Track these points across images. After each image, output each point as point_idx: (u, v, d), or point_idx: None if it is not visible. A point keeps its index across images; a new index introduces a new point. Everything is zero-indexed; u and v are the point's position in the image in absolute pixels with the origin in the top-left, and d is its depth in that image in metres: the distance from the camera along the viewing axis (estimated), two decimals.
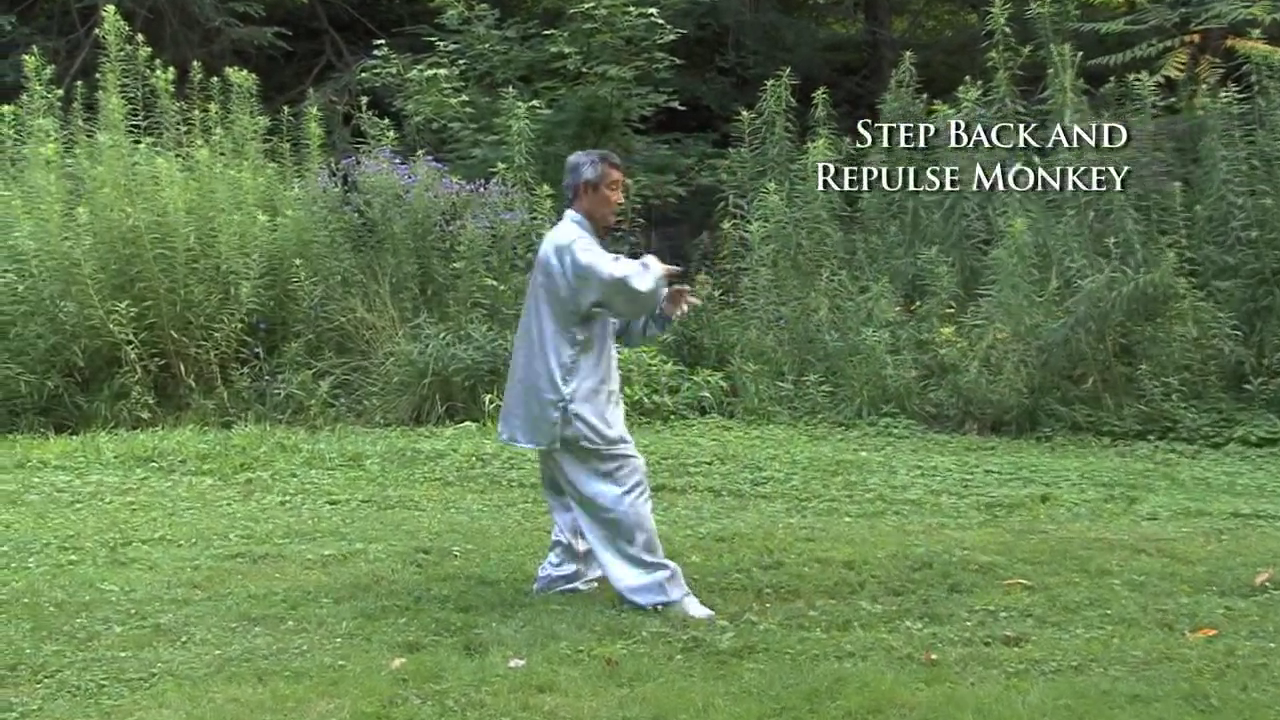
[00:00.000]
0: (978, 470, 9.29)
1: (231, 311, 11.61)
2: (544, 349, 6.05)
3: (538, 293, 6.10)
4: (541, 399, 6.03)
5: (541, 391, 6.03)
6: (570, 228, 6.11)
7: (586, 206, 6.17)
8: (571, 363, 6.02)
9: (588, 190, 6.16)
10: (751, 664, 5.31)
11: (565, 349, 6.02)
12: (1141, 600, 6.07)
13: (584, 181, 6.17)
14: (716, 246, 13.23)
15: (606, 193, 6.18)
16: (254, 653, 5.47)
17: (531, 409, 6.07)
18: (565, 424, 6.00)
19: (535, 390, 6.05)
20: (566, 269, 5.97)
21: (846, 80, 19.05)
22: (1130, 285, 10.55)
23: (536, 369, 6.06)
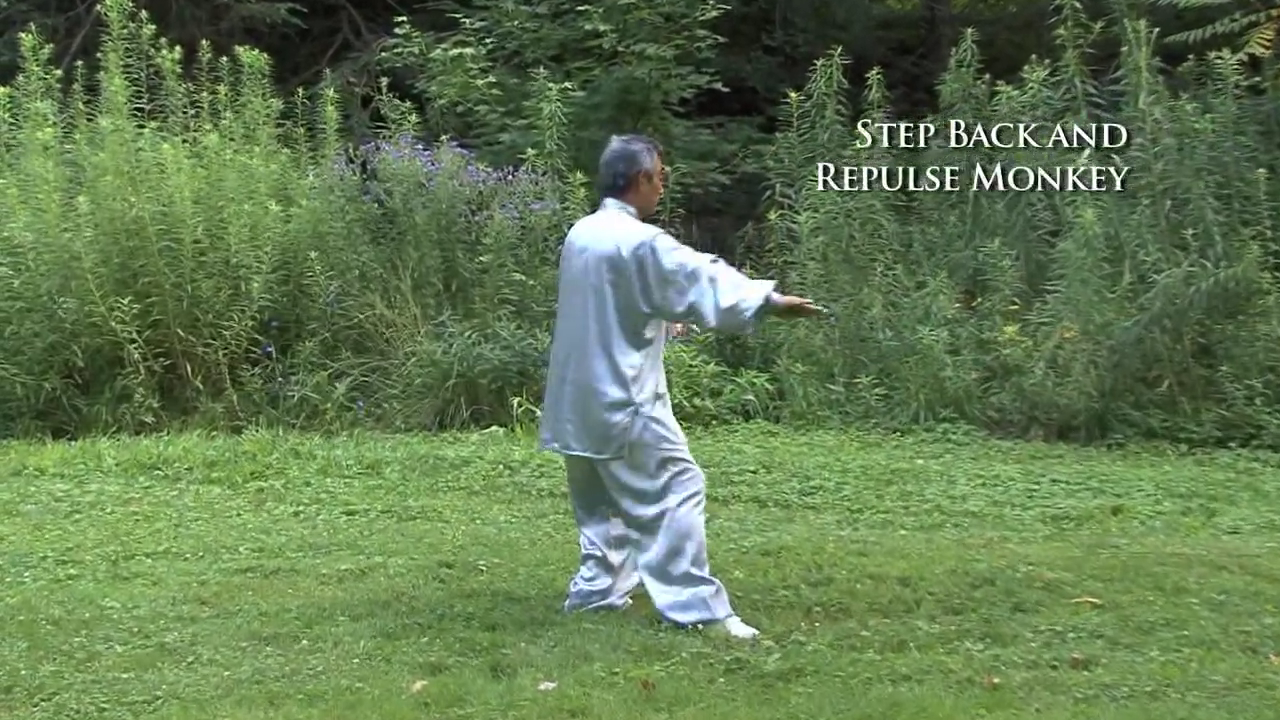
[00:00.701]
0: (1044, 480, 9.24)
1: (242, 308, 11.66)
2: (608, 350, 6.04)
3: (601, 290, 6.05)
4: (604, 403, 6.02)
5: (603, 395, 6.03)
6: (640, 224, 6.14)
7: (640, 198, 6.21)
8: (640, 364, 6.05)
9: (644, 180, 6.21)
10: (799, 688, 5.30)
11: (633, 351, 6.04)
12: (1222, 621, 6.03)
13: (642, 171, 6.20)
14: (762, 239, 13.21)
15: (658, 183, 6.28)
16: (265, 674, 5.49)
17: (592, 414, 6.06)
18: (634, 429, 6.01)
19: (595, 394, 6.04)
20: (649, 270, 5.97)
21: (902, 60, 19.00)
22: (1210, 280, 10.48)
23: (596, 371, 6.04)
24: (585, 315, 6.11)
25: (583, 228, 6.33)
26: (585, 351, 6.09)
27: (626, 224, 6.13)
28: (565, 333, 6.25)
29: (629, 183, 6.20)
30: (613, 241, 6.06)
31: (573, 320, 6.18)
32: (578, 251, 6.20)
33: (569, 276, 6.25)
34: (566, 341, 6.21)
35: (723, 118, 17.10)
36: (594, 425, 6.05)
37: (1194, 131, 11.23)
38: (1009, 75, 12.62)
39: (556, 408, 6.22)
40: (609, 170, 6.26)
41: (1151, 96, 11.16)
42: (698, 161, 15.34)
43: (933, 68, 15.97)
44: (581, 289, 6.14)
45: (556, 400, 6.23)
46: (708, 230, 14.78)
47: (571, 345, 6.17)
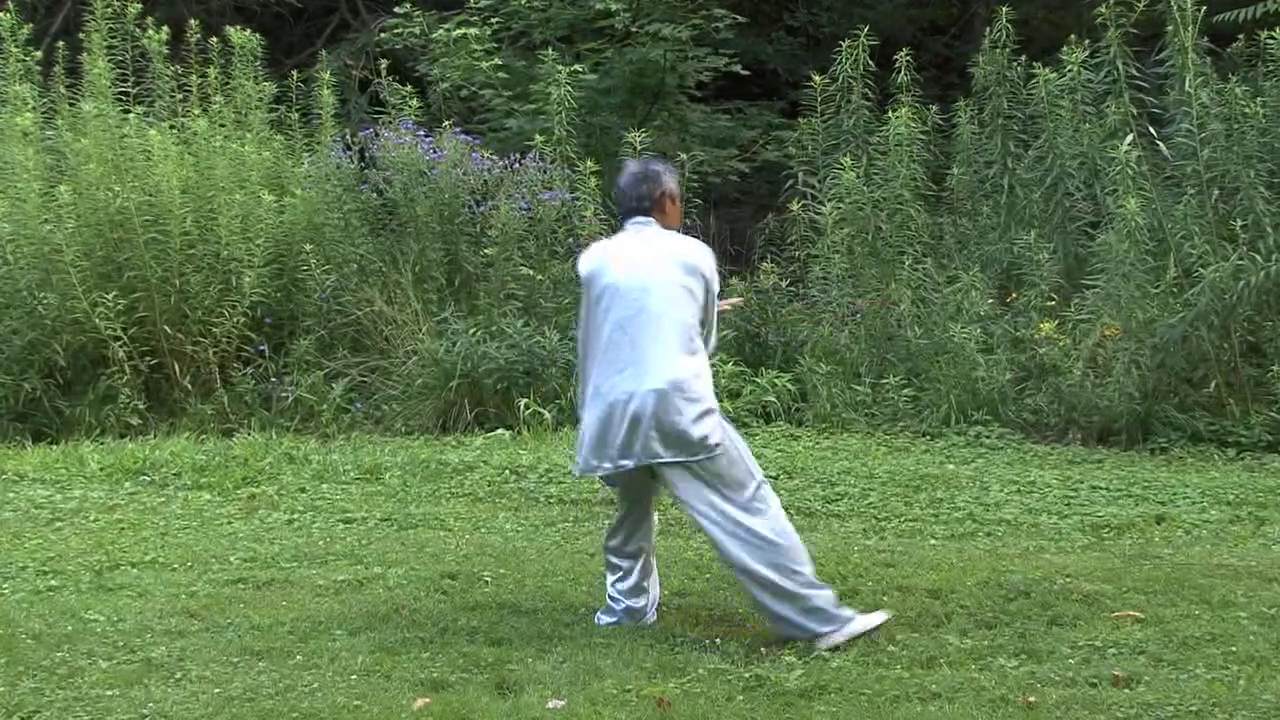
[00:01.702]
0: (1082, 486, 9.24)
1: (233, 304, 11.70)
2: (692, 348, 6.17)
3: (674, 291, 6.13)
4: (690, 405, 6.10)
5: (689, 397, 6.11)
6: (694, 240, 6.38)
7: (666, 220, 6.36)
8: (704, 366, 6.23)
9: (669, 201, 6.38)
10: (823, 705, 5.31)
11: (700, 354, 6.21)
12: (1272, 636, 6.02)
13: (666, 191, 6.36)
14: (784, 230, 13.21)
15: (679, 205, 6.49)
16: (258, 691, 5.50)
17: (674, 419, 6.09)
18: (714, 430, 6.12)
19: (678, 399, 6.10)
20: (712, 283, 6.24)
21: (933, 40, 19.02)
22: (1260, 274, 10.47)
23: (675, 378, 6.09)
24: (659, 317, 6.12)
25: (620, 248, 6.34)
26: (666, 350, 6.13)
27: (688, 241, 6.34)
28: (618, 358, 6.21)
29: (654, 204, 6.34)
30: (688, 251, 6.24)
31: (646, 318, 6.16)
32: (623, 271, 6.21)
33: (613, 298, 6.21)
34: (619, 362, 6.20)
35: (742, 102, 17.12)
36: (682, 427, 6.09)
37: (1243, 116, 11.20)
38: (1046, 57, 12.62)
39: (615, 430, 6.18)
40: (633, 192, 6.36)
41: (1199, 79, 11.14)
42: (715, 149, 15.36)
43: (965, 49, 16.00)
44: (659, 289, 6.14)
45: (612, 424, 6.18)
46: (726, 221, 14.81)
47: (629, 362, 6.16)
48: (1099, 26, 11.75)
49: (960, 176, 12.73)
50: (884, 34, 14.14)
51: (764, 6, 18.89)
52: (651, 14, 15.23)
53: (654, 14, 15.23)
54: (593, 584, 6.99)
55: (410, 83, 13.81)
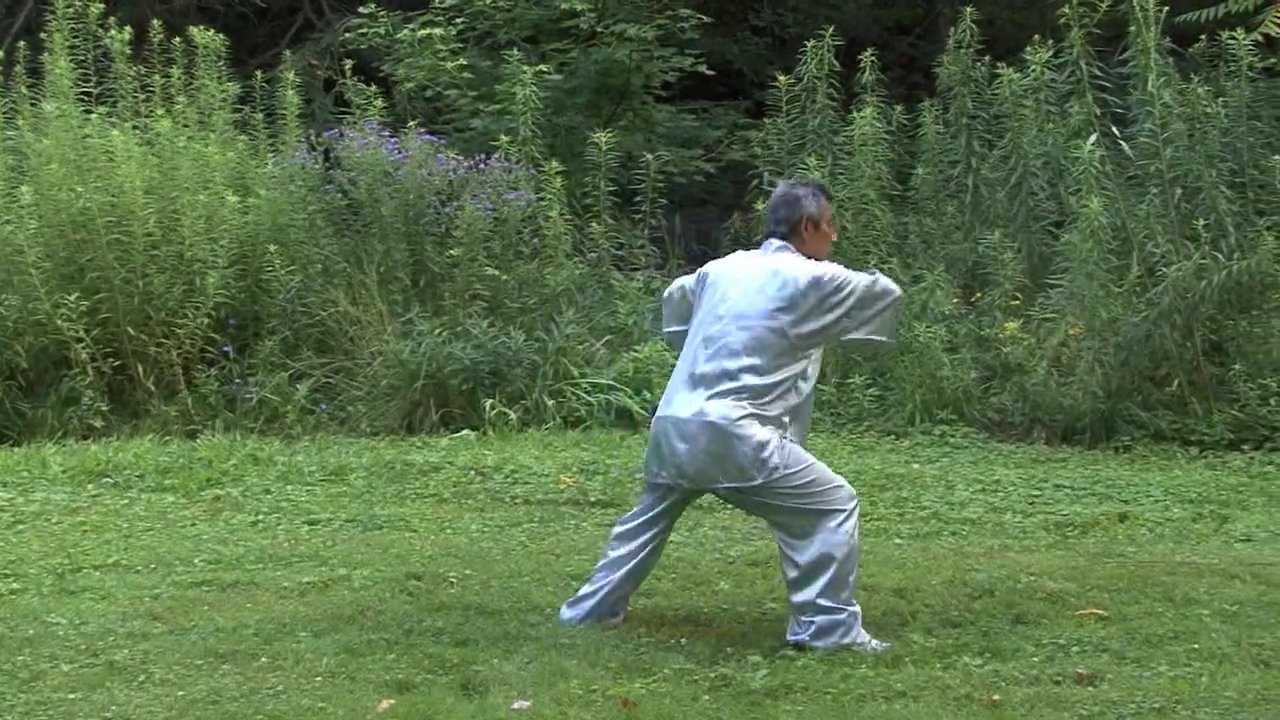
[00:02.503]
0: (1046, 485, 9.28)
1: (197, 305, 11.65)
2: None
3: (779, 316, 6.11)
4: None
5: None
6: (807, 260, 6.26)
7: (811, 246, 6.27)
8: None
9: (809, 227, 6.27)
10: (788, 705, 5.31)
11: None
12: (1234, 633, 6.05)
13: (806, 216, 6.26)
14: (749, 230, 13.22)
15: (827, 230, 6.34)
16: (221, 694, 5.48)
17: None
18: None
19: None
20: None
21: (898, 40, 19.07)
22: (1222, 273, 10.53)
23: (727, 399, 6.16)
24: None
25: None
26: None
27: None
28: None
29: (791, 230, 6.27)
30: (799, 269, 6.15)
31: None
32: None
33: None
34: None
35: (707, 102, 17.14)
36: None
37: (1205, 116, 11.28)
38: (1010, 57, 12.67)
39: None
40: (771, 215, 6.36)
41: (1161, 79, 11.19)
42: (681, 149, 15.38)
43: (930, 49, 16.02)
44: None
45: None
46: (692, 221, 14.82)
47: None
48: (1062, 27, 11.80)
49: (925, 176, 12.77)
50: (849, 34, 14.19)
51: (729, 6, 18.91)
52: (617, 14, 15.24)
53: (619, 14, 15.24)
54: (559, 584, 6.99)
55: (375, 83, 13.78)
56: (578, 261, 12.67)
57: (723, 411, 6.03)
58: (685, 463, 6.11)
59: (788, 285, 6.07)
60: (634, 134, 15.18)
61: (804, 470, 6.04)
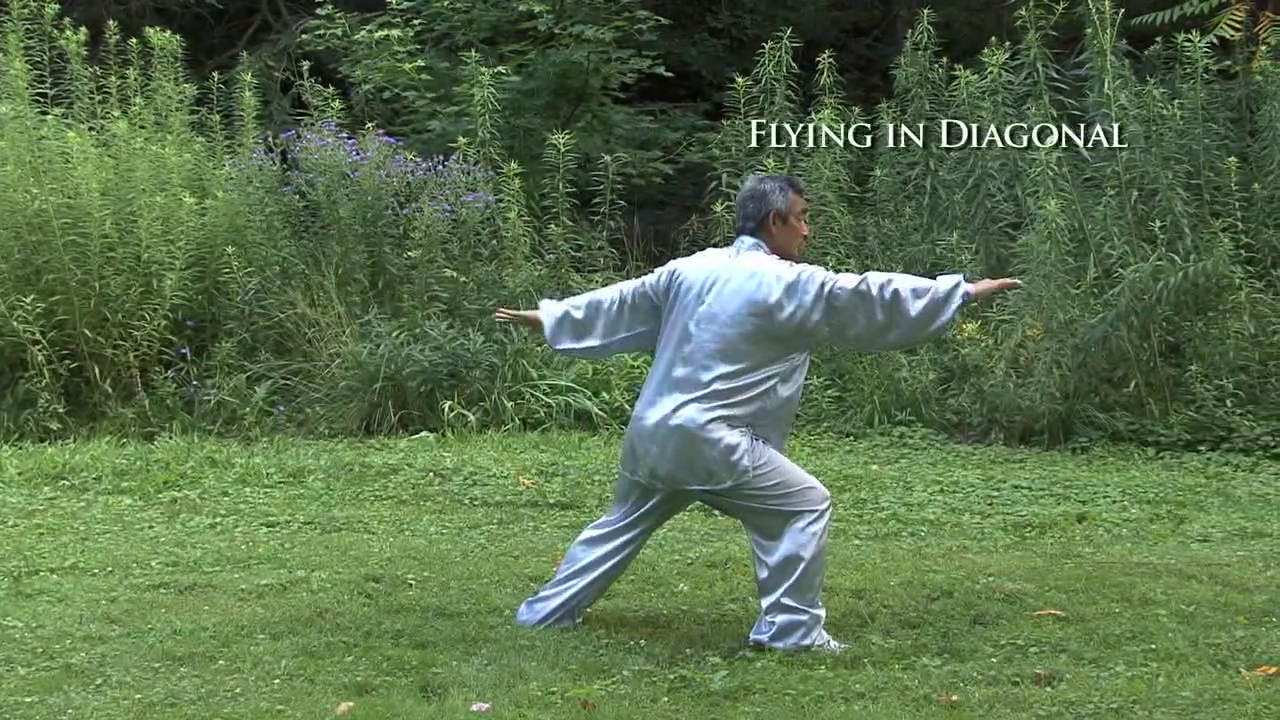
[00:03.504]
0: (1005, 486, 9.32)
1: (154, 307, 11.59)
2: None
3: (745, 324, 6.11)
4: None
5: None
6: (776, 260, 6.23)
7: (777, 241, 6.26)
8: None
9: (776, 221, 6.26)
10: (747, 706, 5.32)
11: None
12: (1191, 633, 6.09)
13: (773, 211, 6.25)
14: (708, 232, 13.23)
15: (795, 224, 6.32)
16: (179, 697, 5.46)
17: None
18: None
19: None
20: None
21: (855, 42, 19.09)
22: (1179, 275, 10.58)
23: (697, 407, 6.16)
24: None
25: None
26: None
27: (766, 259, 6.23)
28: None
29: (759, 225, 6.26)
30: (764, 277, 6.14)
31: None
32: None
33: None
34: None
35: (665, 104, 17.13)
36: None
37: (1161, 118, 11.34)
38: (967, 59, 12.70)
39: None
40: (740, 210, 6.34)
41: (1117, 81, 11.26)
42: (639, 150, 15.37)
43: (888, 51, 16.08)
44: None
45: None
46: (650, 223, 14.81)
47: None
48: (1019, 29, 11.86)
49: (883, 178, 12.79)
50: (807, 36, 14.19)
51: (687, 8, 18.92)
52: (575, 16, 15.22)
53: (578, 16, 15.22)
54: (518, 586, 6.99)
55: (332, 84, 13.73)
56: (536, 263, 12.65)
57: (690, 415, 6.04)
58: (656, 465, 6.14)
59: (763, 288, 6.06)
60: (592, 135, 15.16)
61: (774, 471, 6.07)
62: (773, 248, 6.24)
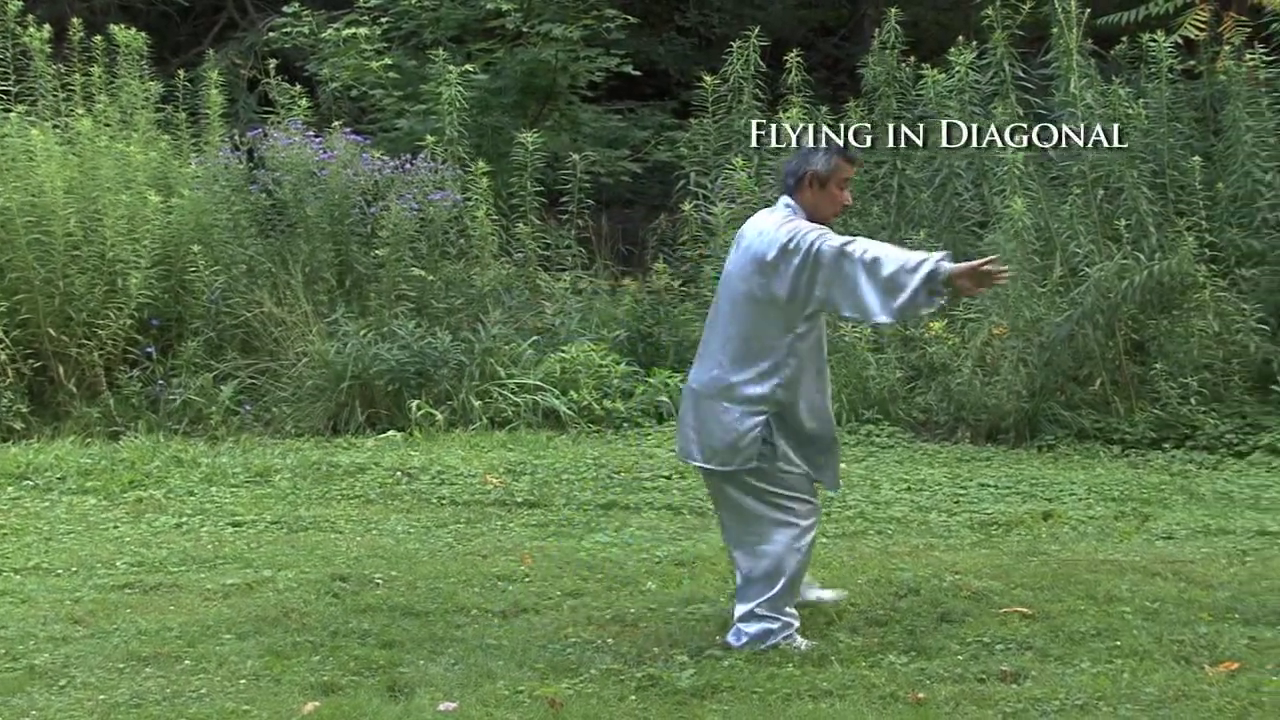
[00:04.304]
0: (971, 484, 9.35)
1: (119, 306, 11.55)
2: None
3: (747, 285, 6.00)
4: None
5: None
6: (780, 215, 6.05)
7: (810, 201, 6.07)
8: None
9: (812, 182, 6.08)
10: (715, 704, 5.33)
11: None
12: (1155, 630, 6.12)
13: (810, 171, 6.08)
14: (675, 231, 13.25)
15: (835, 191, 6.13)
16: (144, 697, 5.45)
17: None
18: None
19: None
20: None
21: (823, 42, 19.14)
22: (1144, 274, 10.62)
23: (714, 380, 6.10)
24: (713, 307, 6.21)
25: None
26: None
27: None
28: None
29: (796, 184, 6.10)
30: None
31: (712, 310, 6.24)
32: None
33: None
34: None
35: (634, 102, 17.15)
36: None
37: (1127, 117, 11.38)
38: (935, 58, 12.72)
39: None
40: (784, 168, 6.25)
41: (1083, 80, 11.29)
42: (607, 149, 15.38)
43: (855, 50, 16.11)
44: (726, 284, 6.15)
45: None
46: (618, 222, 14.83)
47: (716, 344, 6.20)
48: (986, 28, 11.89)
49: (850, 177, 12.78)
50: (775, 35, 14.21)
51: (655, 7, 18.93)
52: (543, 14, 15.22)
53: (545, 14, 15.22)
54: (485, 585, 6.99)
55: (299, 83, 13.69)
56: (504, 262, 12.65)
57: (707, 384, 6.06)
58: (682, 433, 6.20)
59: (766, 245, 5.93)
60: (560, 134, 15.17)
61: (775, 470, 6.02)
62: (807, 211, 6.06)
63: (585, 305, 12.51)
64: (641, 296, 12.52)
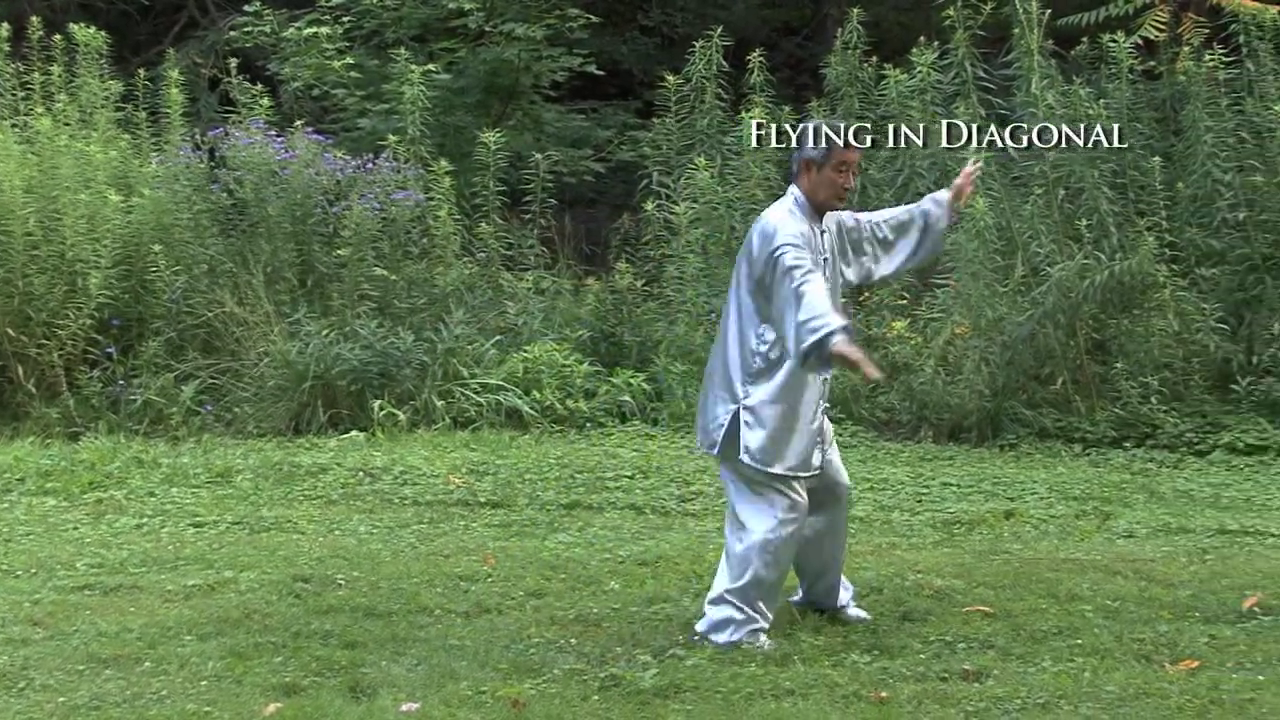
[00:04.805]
0: (934, 483, 9.37)
1: (79, 306, 11.49)
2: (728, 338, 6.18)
3: (739, 270, 6.17)
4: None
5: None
6: (780, 212, 6.11)
7: (807, 186, 6.15)
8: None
9: (808, 169, 6.15)
10: (677, 704, 5.33)
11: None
12: (1116, 629, 6.15)
13: (804, 158, 6.17)
14: (639, 230, 13.25)
15: (831, 175, 6.15)
16: (104, 699, 5.42)
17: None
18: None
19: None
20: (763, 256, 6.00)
21: (786, 41, 19.16)
22: (1104, 273, 10.67)
23: (713, 363, 6.25)
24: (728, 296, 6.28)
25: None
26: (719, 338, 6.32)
27: (772, 209, 6.19)
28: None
29: (797, 171, 6.20)
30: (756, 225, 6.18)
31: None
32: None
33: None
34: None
35: (597, 102, 17.14)
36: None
37: (1088, 117, 11.43)
38: (896, 58, 12.76)
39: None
40: (790, 160, 6.36)
41: (1044, 81, 11.34)
42: (570, 149, 15.37)
43: (817, 50, 16.13)
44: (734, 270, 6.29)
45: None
46: (581, 221, 14.81)
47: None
48: (948, 29, 11.92)
49: None
50: (737, 35, 14.22)
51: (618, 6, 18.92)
52: (506, 13, 15.20)
53: (508, 13, 15.20)
54: (447, 586, 6.98)
55: (261, 82, 13.65)
56: (467, 261, 12.63)
57: (711, 364, 6.25)
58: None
59: (753, 233, 6.10)
60: (523, 134, 15.16)
61: (744, 477, 6.08)
62: (807, 195, 6.16)
63: (548, 305, 12.49)
64: (604, 296, 12.52)
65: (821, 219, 6.19)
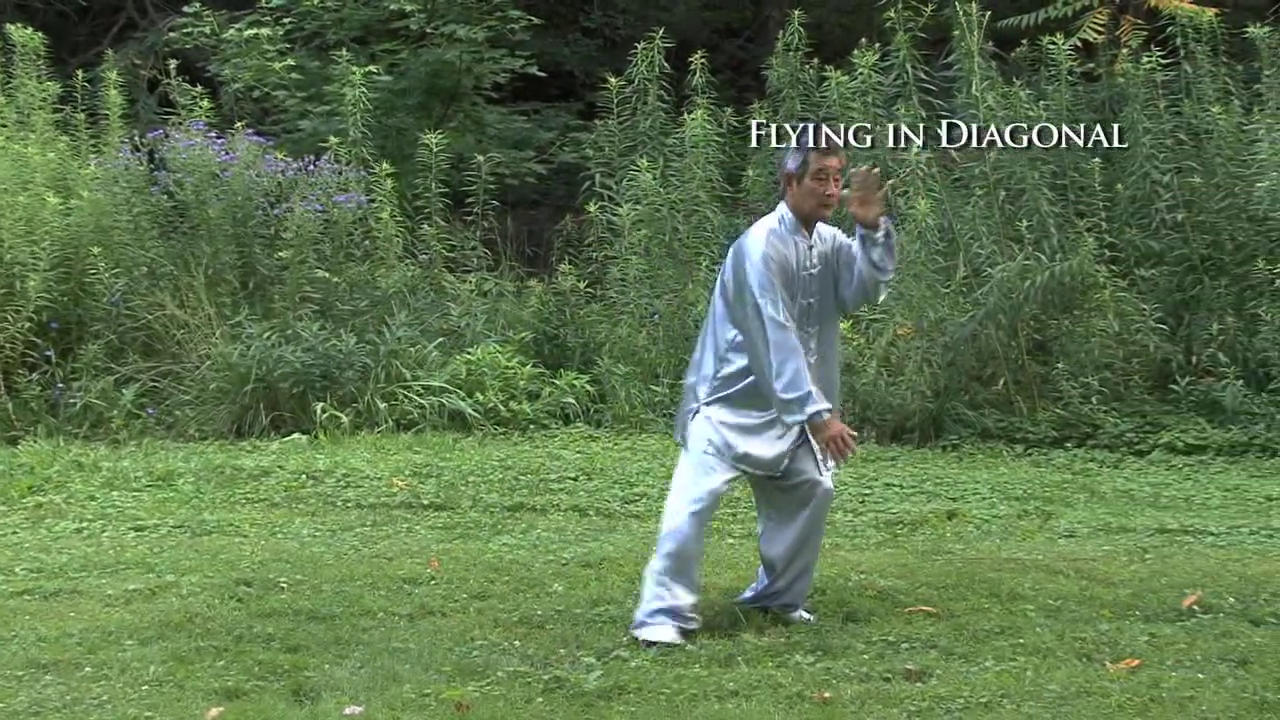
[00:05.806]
0: (876, 484, 9.40)
1: (17, 309, 11.41)
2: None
3: (721, 275, 6.35)
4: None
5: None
6: (761, 231, 6.20)
7: (792, 201, 6.22)
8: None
9: (790, 183, 6.23)
10: (621, 706, 5.33)
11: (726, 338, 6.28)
12: (1058, 628, 6.19)
13: (784, 173, 6.26)
14: (582, 232, 13.25)
15: (812, 184, 6.19)
16: (44, 705, 5.38)
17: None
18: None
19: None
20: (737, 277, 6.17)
21: (728, 43, 19.19)
22: (1045, 274, 10.74)
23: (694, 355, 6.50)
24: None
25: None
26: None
27: (755, 227, 6.28)
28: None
29: (782, 186, 6.30)
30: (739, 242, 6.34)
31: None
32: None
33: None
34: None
35: (539, 104, 17.15)
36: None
37: (1028, 119, 11.49)
38: (838, 60, 12.79)
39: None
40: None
41: (985, 82, 11.40)
42: (513, 150, 15.36)
43: (759, 52, 16.16)
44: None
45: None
46: (524, 223, 14.80)
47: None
48: (889, 30, 11.96)
49: (756, 178, 12.84)
50: (679, 36, 14.24)
51: (560, 8, 18.93)
52: (447, 15, 15.18)
53: (449, 15, 15.18)
54: (391, 588, 6.96)
55: (201, 83, 13.58)
56: (409, 263, 12.61)
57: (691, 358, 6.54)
58: None
59: (732, 250, 6.28)
60: (465, 135, 15.14)
61: (690, 454, 6.36)
62: (793, 209, 6.24)
63: (491, 307, 12.48)
64: (547, 298, 12.53)
65: (811, 232, 6.26)
